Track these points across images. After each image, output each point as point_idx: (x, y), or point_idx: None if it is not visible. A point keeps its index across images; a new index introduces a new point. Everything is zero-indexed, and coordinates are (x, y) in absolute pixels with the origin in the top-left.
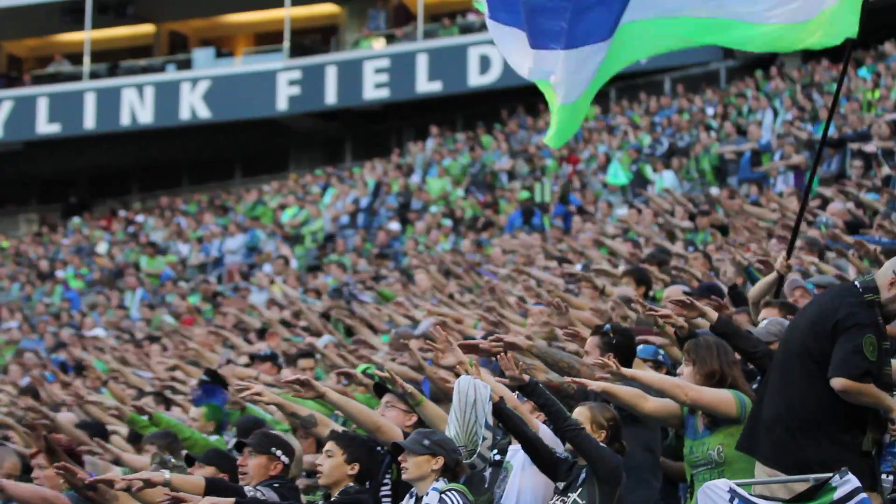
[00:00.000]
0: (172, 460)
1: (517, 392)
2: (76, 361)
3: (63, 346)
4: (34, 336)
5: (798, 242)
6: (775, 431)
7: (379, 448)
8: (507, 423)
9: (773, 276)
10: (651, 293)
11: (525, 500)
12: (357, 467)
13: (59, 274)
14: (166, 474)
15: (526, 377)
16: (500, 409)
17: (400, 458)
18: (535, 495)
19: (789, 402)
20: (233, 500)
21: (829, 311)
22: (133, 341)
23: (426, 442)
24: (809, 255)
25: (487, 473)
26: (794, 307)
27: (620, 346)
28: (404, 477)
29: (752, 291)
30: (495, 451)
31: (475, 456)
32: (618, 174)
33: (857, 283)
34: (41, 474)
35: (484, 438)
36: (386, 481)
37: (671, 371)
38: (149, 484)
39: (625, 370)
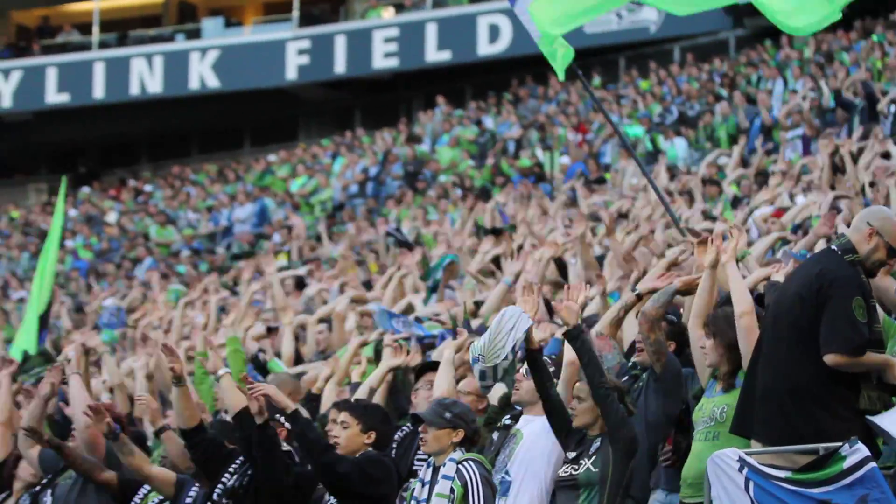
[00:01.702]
0: None
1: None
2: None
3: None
4: None
5: None
6: (767, 405)
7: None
8: (536, 373)
9: None
10: None
11: (536, 468)
12: (373, 435)
13: (69, 244)
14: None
15: (576, 321)
16: (534, 358)
17: (420, 429)
18: (548, 462)
19: (778, 373)
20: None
21: (812, 279)
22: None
23: (447, 415)
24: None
25: (495, 436)
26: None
27: (677, 334)
28: (423, 450)
29: None
30: (508, 416)
31: (487, 367)
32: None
33: (833, 247)
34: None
35: (505, 359)
36: (422, 456)
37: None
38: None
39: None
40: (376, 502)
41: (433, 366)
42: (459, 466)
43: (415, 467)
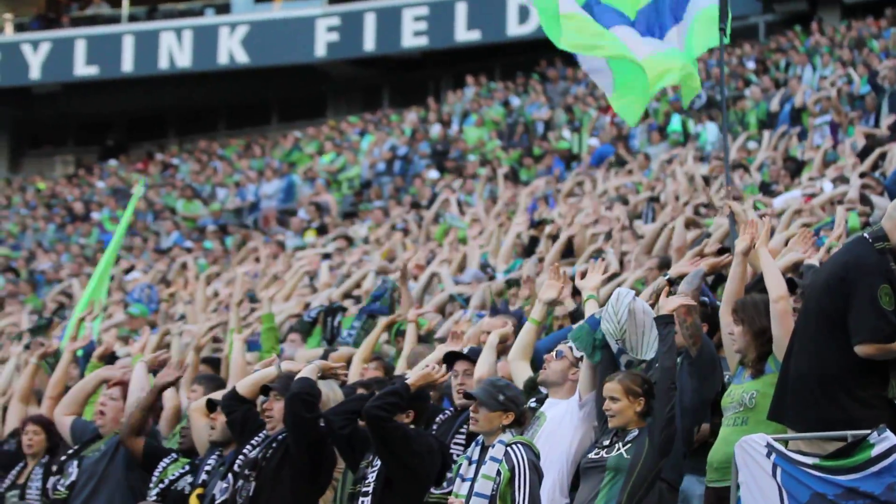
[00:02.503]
0: None
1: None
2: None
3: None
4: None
5: None
6: (797, 392)
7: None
8: (667, 337)
9: None
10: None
11: (557, 452)
12: (413, 414)
13: (95, 216)
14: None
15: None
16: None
17: (471, 409)
18: (570, 446)
19: (810, 361)
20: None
21: (839, 267)
22: (165, 282)
23: (501, 398)
24: None
25: None
26: None
27: (712, 317)
28: (472, 428)
29: None
30: (534, 399)
31: (635, 358)
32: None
33: (866, 234)
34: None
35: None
36: (462, 434)
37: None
38: None
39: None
40: (415, 474)
41: (459, 355)
42: (508, 449)
43: (451, 450)
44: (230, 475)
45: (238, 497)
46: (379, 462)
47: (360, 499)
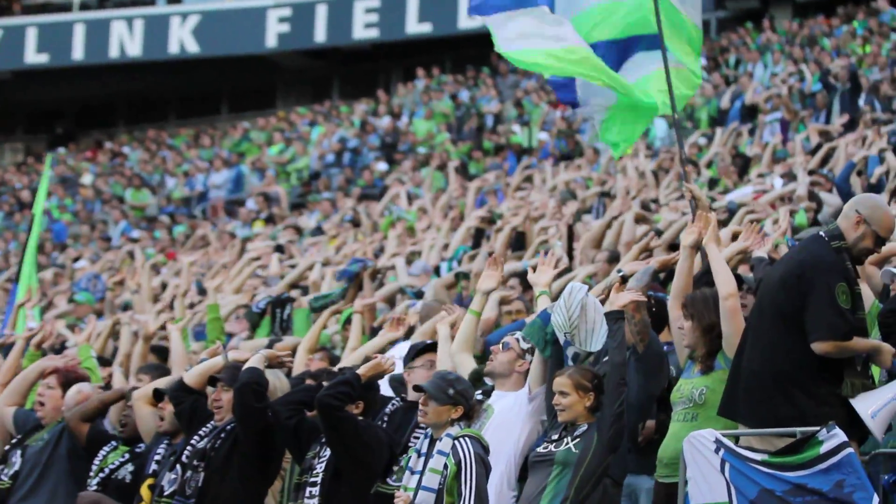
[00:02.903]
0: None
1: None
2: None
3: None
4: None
5: None
6: (751, 389)
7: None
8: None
9: None
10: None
11: (505, 445)
12: (362, 405)
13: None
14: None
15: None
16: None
17: (420, 402)
18: (518, 439)
19: (763, 358)
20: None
21: (795, 265)
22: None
23: (450, 392)
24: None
25: None
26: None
27: (659, 315)
28: (421, 420)
29: None
30: (479, 391)
31: (582, 351)
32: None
33: (821, 233)
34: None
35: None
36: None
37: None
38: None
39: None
40: (364, 466)
41: (431, 347)
42: (456, 443)
43: (410, 444)
44: (178, 466)
45: (187, 488)
46: (328, 452)
47: (307, 489)
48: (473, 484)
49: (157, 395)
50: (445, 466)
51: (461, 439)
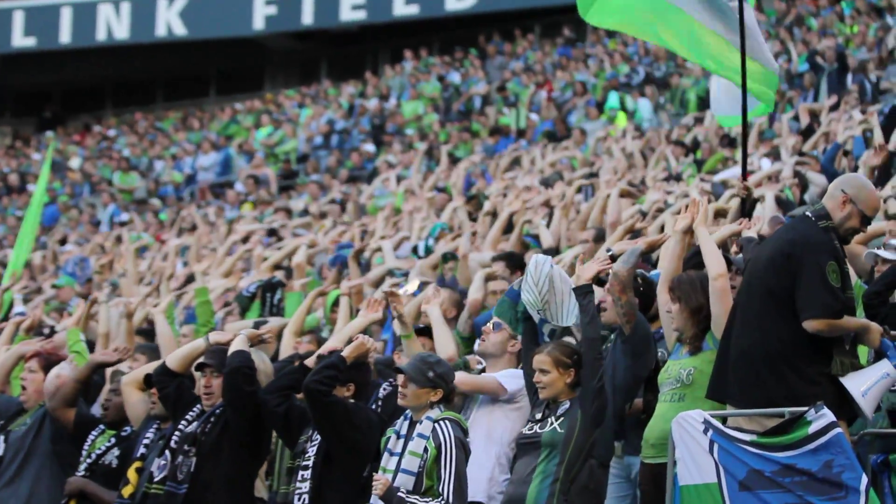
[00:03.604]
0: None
1: None
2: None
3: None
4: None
5: None
6: (741, 369)
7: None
8: (587, 307)
9: None
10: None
11: (496, 428)
12: (353, 387)
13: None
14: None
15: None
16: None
17: (400, 384)
18: (506, 420)
19: (753, 338)
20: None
21: (785, 244)
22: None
23: (430, 374)
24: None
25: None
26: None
27: (646, 294)
28: (401, 403)
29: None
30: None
31: (558, 327)
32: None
33: (808, 213)
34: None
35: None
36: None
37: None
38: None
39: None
40: (356, 449)
41: (424, 331)
42: (436, 426)
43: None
44: (168, 451)
45: (178, 473)
46: (319, 437)
47: (300, 472)
48: (453, 467)
49: (148, 382)
50: (425, 449)
51: (441, 422)
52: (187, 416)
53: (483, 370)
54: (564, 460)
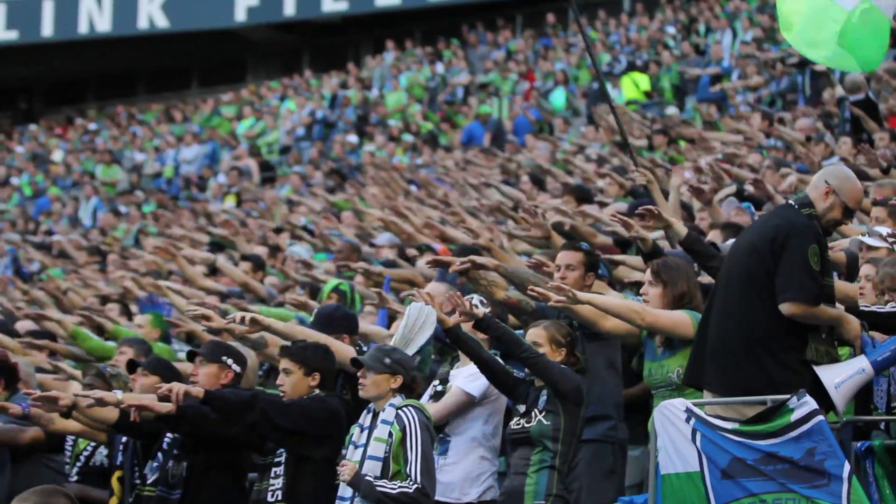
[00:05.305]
0: (108, 369)
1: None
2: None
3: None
4: None
5: None
6: (719, 356)
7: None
8: (462, 347)
9: None
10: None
11: (475, 429)
12: (318, 377)
13: (14, 181)
14: (119, 394)
15: (480, 312)
16: (455, 333)
17: (359, 374)
18: (482, 426)
19: (731, 325)
20: (202, 390)
21: (769, 229)
22: (88, 248)
23: (387, 360)
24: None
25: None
26: (739, 227)
27: (595, 265)
28: (362, 394)
29: None
30: (437, 381)
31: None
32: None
33: (791, 201)
34: None
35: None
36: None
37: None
38: (101, 403)
39: (580, 295)
40: (321, 439)
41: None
42: (399, 412)
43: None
44: (160, 454)
45: (170, 477)
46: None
47: (272, 469)
48: (419, 449)
49: (131, 367)
50: (390, 434)
51: (405, 408)
52: None
53: None
54: (558, 450)
